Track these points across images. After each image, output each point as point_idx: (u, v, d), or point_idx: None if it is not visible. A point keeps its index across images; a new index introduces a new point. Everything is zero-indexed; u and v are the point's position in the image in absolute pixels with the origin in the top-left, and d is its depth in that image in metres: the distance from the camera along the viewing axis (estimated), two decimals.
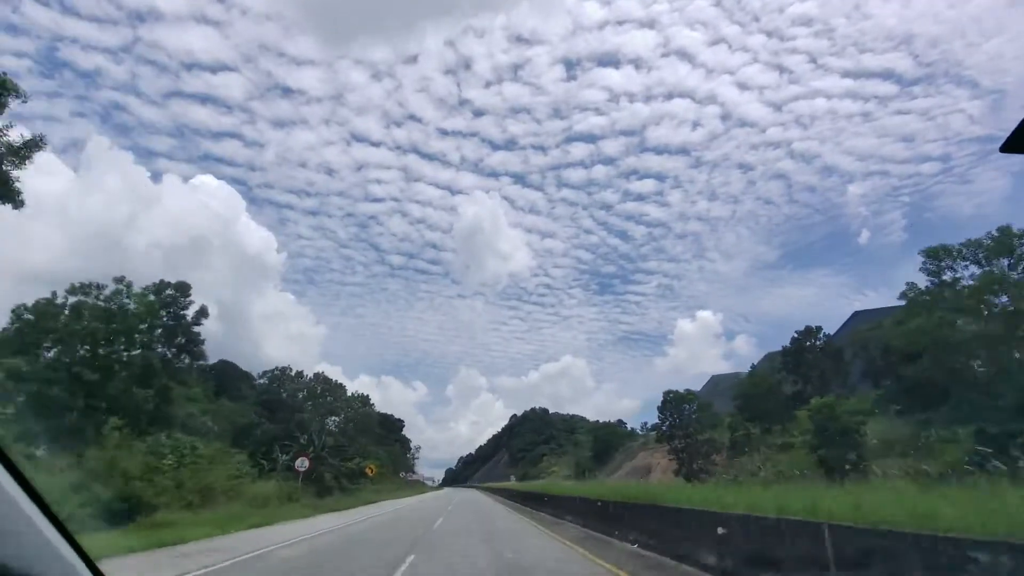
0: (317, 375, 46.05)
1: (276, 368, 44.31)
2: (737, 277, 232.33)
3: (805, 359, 47.77)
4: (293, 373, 44.67)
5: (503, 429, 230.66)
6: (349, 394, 49.09)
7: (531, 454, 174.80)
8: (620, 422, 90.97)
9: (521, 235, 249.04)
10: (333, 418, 47.97)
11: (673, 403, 51.64)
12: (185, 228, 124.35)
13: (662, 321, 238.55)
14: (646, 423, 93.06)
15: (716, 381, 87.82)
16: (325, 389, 45.11)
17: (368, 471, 38.84)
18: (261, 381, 44.19)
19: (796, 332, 48.78)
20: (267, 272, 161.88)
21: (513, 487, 51.38)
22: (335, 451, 38.49)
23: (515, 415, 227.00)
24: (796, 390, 48.53)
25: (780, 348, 50.68)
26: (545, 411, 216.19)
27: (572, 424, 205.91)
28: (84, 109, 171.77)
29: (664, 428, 52.83)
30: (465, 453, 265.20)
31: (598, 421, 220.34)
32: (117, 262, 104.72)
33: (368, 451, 52.55)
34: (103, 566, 1.63)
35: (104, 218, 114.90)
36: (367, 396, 53.90)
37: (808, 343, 47.96)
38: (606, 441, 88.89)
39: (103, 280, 25.31)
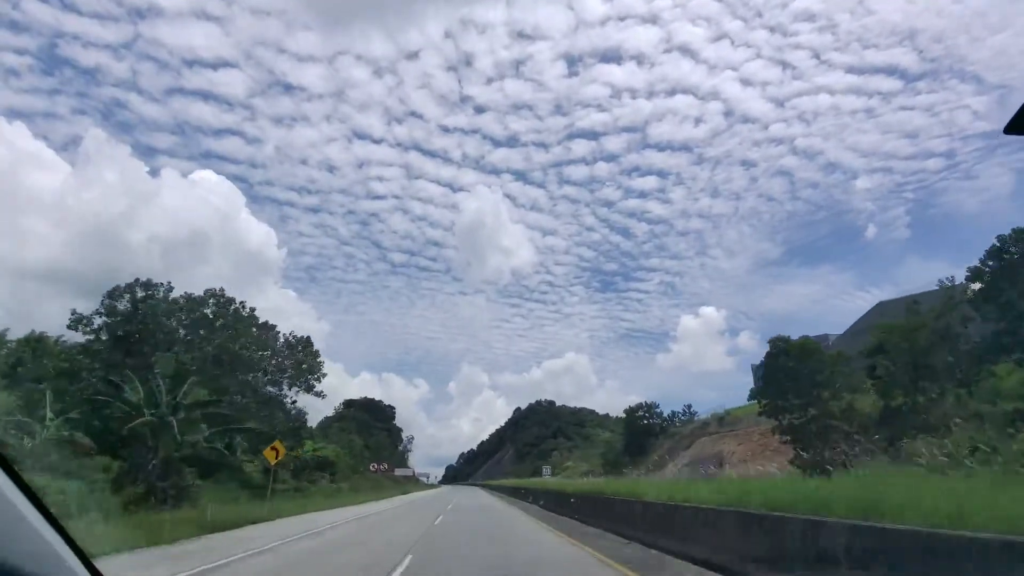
0: (211, 293, 26.82)
1: (137, 280, 25.26)
2: (739, 274, 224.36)
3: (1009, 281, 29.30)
4: (180, 296, 25.64)
5: (507, 423, 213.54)
6: (281, 337, 30.64)
7: (538, 448, 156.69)
8: (653, 405, 71.37)
9: (523, 232, 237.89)
10: (257, 375, 29.71)
11: (785, 356, 33.13)
12: (184, 223, 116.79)
13: (664, 319, 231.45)
14: (689, 405, 74.30)
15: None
16: (224, 322, 26.45)
17: (270, 455, 20.19)
18: (113, 302, 25.19)
19: (996, 239, 30.23)
20: (268, 268, 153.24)
21: (563, 489, 31.09)
22: (212, 417, 20.32)
23: (519, 408, 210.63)
24: (996, 330, 30.09)
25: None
26: (552, 403, 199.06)
27: (581, 417, 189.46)
28: (85, 106, 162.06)
29: (767, 395, 34.37)
30: (467, 449, 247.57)
31: (608, 415, 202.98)
32: (114, 256, 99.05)
33: (320, 433, 34.99)
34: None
35: (101, 212, 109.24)
36: (308, 339, 35.18)
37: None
38: (641, 428, 70.02)
39: None
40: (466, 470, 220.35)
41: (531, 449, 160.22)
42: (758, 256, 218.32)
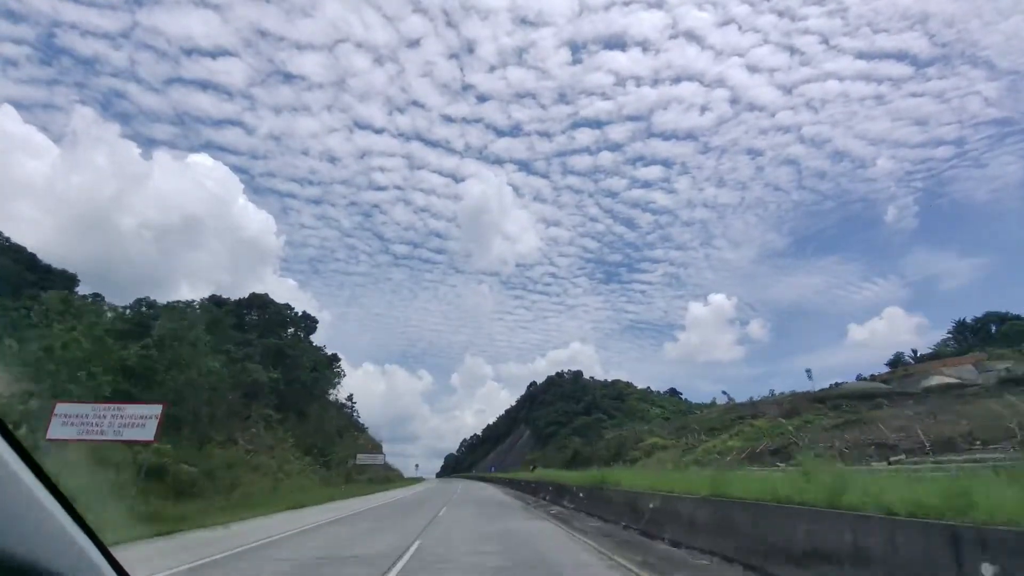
0: None
1: None
2: (744, 265, 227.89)
3: None
4: None
5: (520, 400, 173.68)
6: None
7: (570, 427, 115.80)
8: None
9: (526, 224, 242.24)
10: None
11: None
12: (178, 209, 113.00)
13: (668, 310, 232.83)
14: None
15: None
16: None
17: None
18: None
19: None
20: (266, 257, 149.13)
21: None
22: None
23: (534, 383, 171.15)
24: None
25: None
26: (578, 374, 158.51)
27: (618, 390, 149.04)
28: (84, 96, 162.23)
29: None
30: (470, 435, 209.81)
31: (649, 388, 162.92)
32: (107, 242, 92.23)
33: None
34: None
35: (89, 197, 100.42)
36: None
37: None
38: None
39: None
40: (470, 458, 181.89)
41: (557, 428, 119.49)
42: (763, 246, 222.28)
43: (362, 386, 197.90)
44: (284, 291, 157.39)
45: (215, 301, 38.84)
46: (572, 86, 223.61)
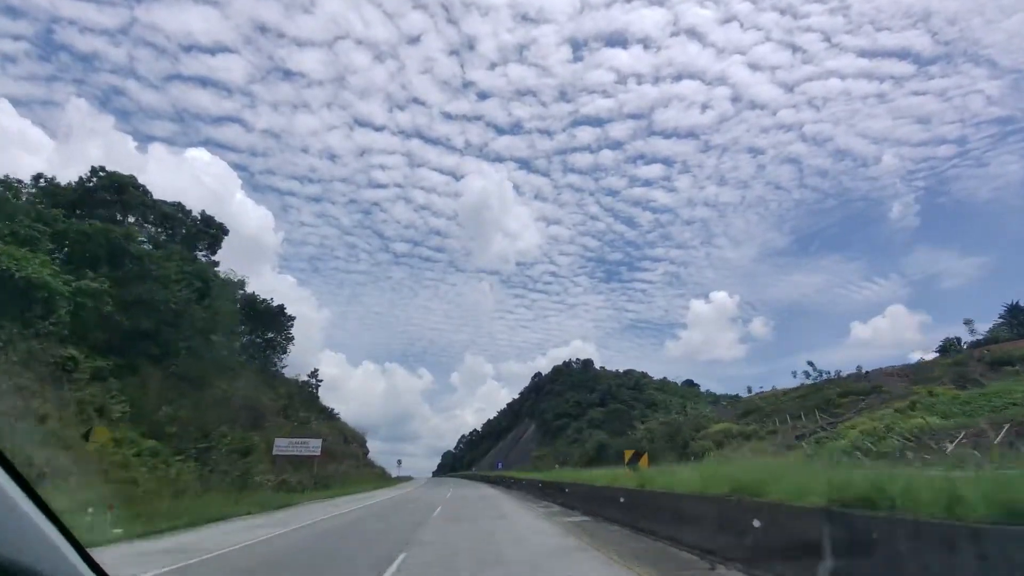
0: None
1: None
2: (745, 264, 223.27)
3: None
4: None
5: (524, 392, 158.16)
6: None
7: (585, 419, 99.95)
8: None
9: (526, 222, 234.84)
10: None
11: None
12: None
13: (669, 309, 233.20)
14: None
15: None
16: None
17: None
18: None
19: None
20: (264, 254, 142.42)
21: None
22: None
23: (539, 374, 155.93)
24: None
25: None
26: (588, 363, 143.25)
27: (634, 380, 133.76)
28: (83, 93, 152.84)
29: None
30: (469, 431, 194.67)
31: (666, 379, 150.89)
32: None
33: None
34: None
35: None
36: None
37: None
38: None
39: None
40: (468, 456, 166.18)
41: (568, 421, 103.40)
42: (764, 245, 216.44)
43: (362, 385, 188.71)
44: (284, 288, 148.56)
45: (44, 188, 23.13)
46: (573, 83, 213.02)
